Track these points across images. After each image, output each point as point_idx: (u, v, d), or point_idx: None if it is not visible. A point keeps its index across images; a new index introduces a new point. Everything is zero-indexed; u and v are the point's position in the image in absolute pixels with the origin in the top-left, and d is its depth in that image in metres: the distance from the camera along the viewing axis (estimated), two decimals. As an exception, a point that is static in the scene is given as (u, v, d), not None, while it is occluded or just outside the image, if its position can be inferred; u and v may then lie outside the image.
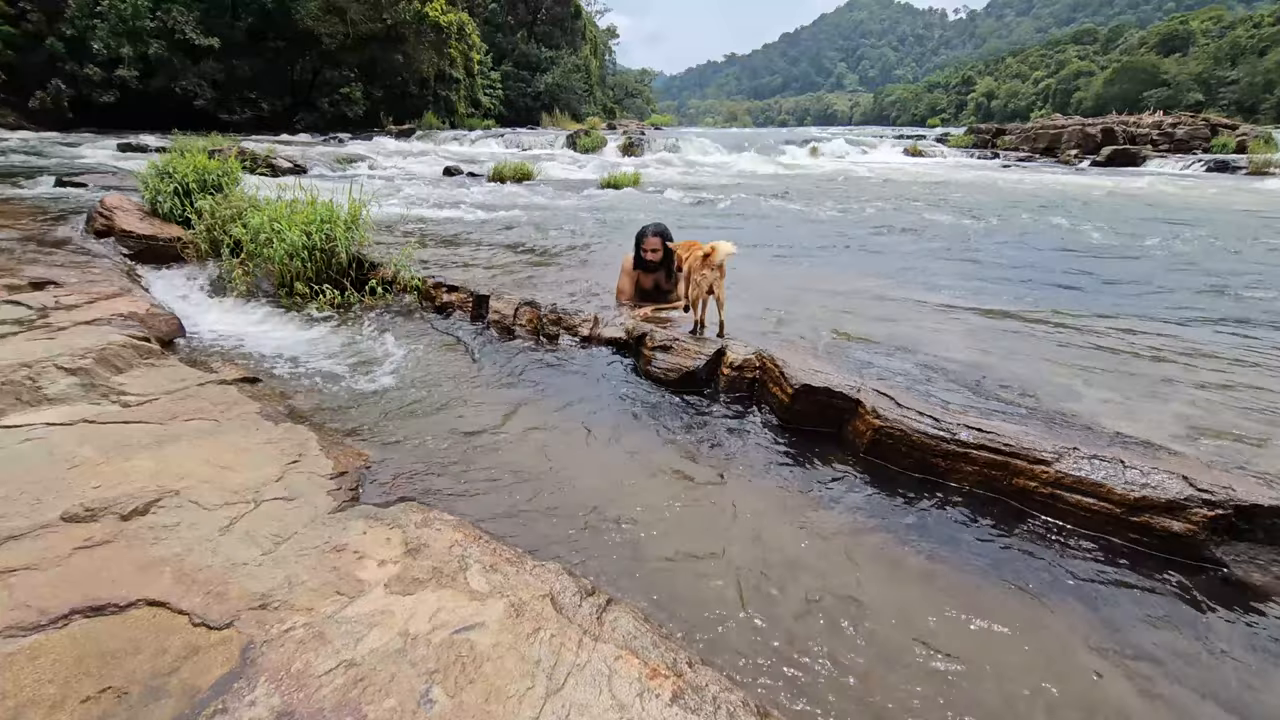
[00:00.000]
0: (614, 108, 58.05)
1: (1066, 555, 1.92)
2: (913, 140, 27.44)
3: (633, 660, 1.35)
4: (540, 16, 47.47)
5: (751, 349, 3.00)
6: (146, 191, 5.46)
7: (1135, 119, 25.59)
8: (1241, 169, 17.23)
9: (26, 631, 1.31)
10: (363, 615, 1.42)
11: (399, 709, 1.18)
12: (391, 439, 2.49)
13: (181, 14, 22.64)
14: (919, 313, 4.04)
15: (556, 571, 1.64)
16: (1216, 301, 4.58)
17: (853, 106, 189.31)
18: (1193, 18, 76.07)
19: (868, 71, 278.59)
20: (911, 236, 7.30)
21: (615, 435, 2.61)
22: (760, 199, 10.52)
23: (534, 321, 3.70)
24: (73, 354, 2.60)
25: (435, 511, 1.90)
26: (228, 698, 1.19)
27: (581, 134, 22.68)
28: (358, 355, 3.37)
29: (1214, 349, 3.47)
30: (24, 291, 3.39)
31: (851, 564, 1.87)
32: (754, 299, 4.14)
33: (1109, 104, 55.83)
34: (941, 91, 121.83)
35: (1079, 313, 4.19)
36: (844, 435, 2.55)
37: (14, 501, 1.72)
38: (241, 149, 10.18)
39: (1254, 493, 1.88)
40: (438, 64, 31.91)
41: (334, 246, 4.31)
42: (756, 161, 19.99)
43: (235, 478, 1.97)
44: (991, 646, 1.58)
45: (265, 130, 24.65)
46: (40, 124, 20.63)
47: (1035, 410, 2.53)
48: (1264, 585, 1.78)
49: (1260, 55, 56.28)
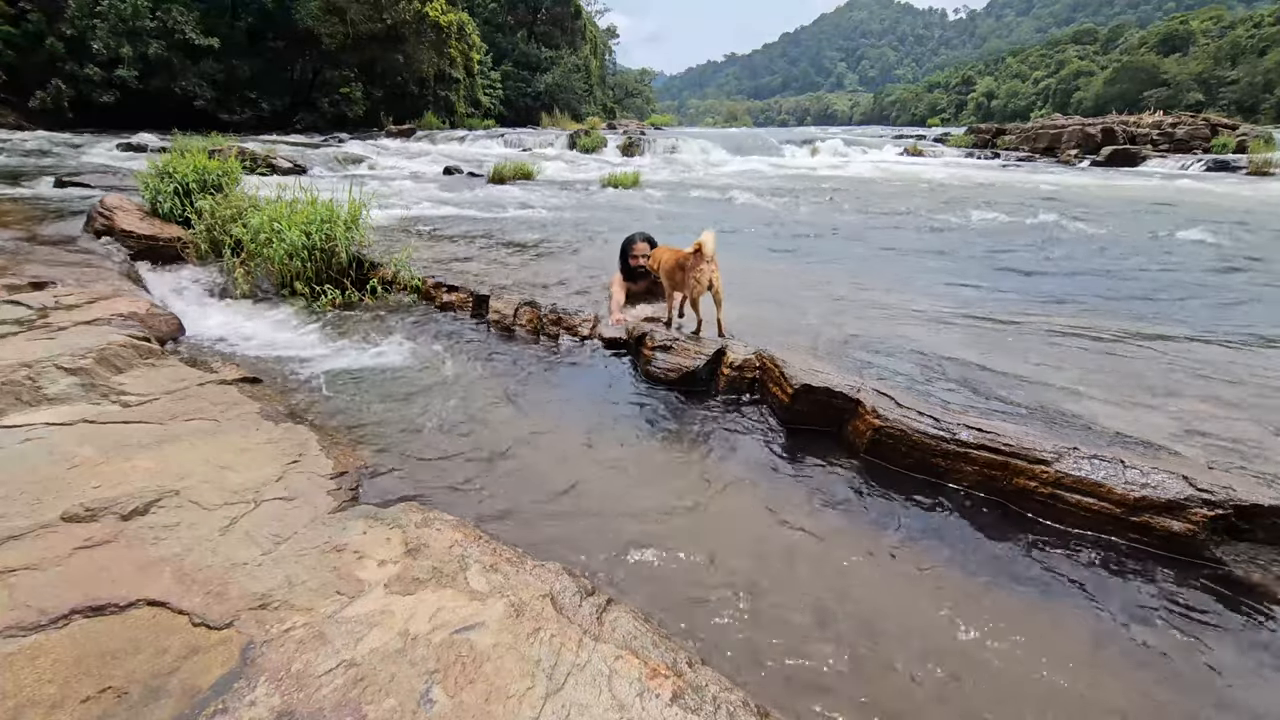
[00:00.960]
0: (614, 108, 58.06)
1: (1066, 555, 1.92)
2: (912, 140, 27.43)
3: (633, 660, 1.35)
4: (540, 16, 47.48)
5: (751, 349, 3.00)
6: (146, 191, 5.46)
7: (1135, 119, 25.57)
8: (1241, 169, 17.22)
9: (26, 631, 1.31)
10: (363, 615, 1.42)
11: (399, 709, 1.18)
12: (391, 439, 2.48)
13: (181, 14, 22.64)
14: (919, 313, 4.04)
15: (556, 571, 1.64)
16: (1217, 301, 4.58)
17: (853, 106, 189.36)
18: (1193, 18, 76.08)
19: (868, 71, 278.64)
20: (911, 236, 7.30)
21: (615, 435, 2.61)
22: (760, 199, 10.52)
23: (534, 321, 3.70)
24: (73, 354, 2.60)
25: (435, 511, 1.90)
26: (228, 698, 1.19)
27: (582, 134, 22.68)
28: (358, 355, 3.37)
29: (1214, 349, 3.47)
30: (24, 291, 3.39)
31: (851, 564, 1.87)
32: (754, 299, 4.14)
33: (1109, 104, 55.83)
34: (941, 91, 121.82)
35: (1079, 313, 4.19)
36: (844, 435, 2.55)
37: (14, 501, 1.72)
38: (241, 149, 10.19)
39: (1254, 493, 1.88)
40: (438, 64, 31.90)
41: (334, 246, 4.31)
42: (756, 162, 19.99)
43: (235, 477, 1.97)
44: (991, 646, 1.58)
45: (265, 130, 24.66)
46: (40, 124, 20.62)
47: (1035, 410, 2.53)
48: (1264, 585, 1.78)
49: (1260, 55, 56.28)
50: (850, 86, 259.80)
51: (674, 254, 3.18)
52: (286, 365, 3.23)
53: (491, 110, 40.18)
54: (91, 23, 21.06)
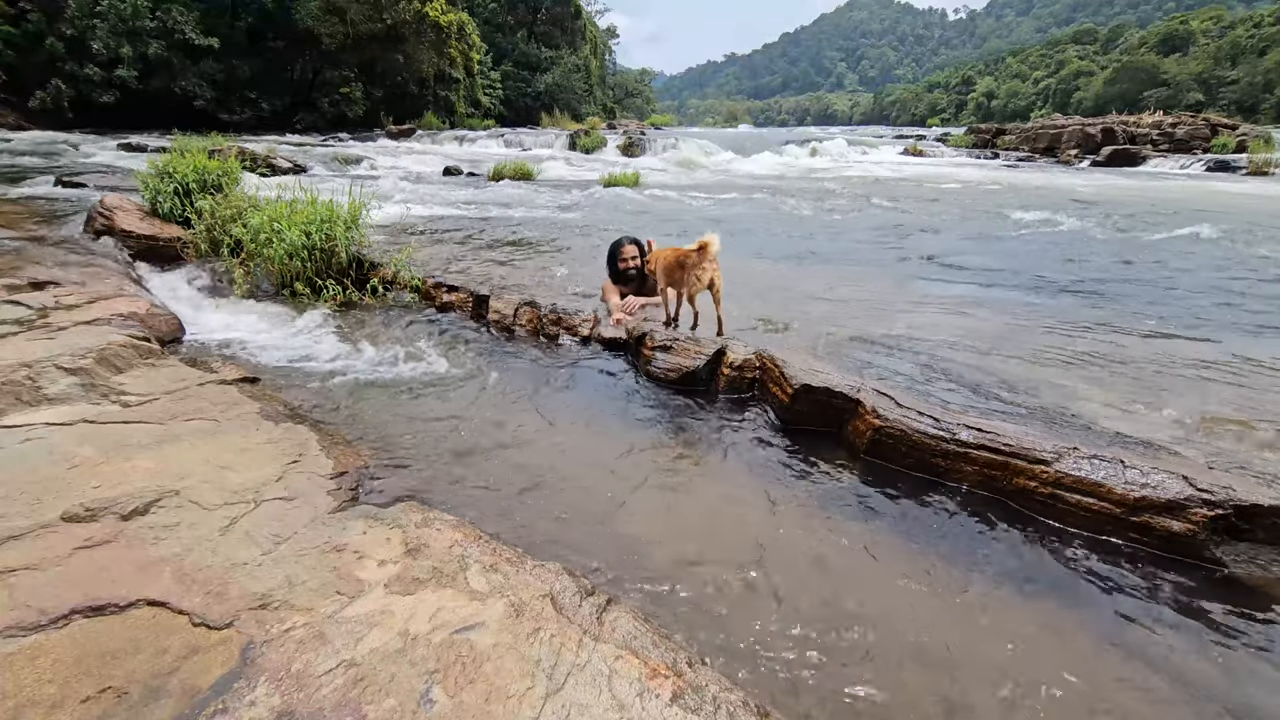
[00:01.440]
0: (614, 107, 58.06)
1: (1066, 555, 1.92)
2: (913, 140, 27.44)
3: (633, 660, 1.35)
4: (540, 16, 47.47)
5: (751, 349, 3.00)
6: (146, 191, 5.46)
7: (1135, 119, 25.57)
8: (1241, 169, 17.23)
9: (26, 631, 1.31)
10: (363, 615, 1.42)
11: (399, 709, 1.18)
12: (391, 438, 2.48)
13: (181, 14, 22.62)
14: (919, 313, 4.04)
15: (556, 571, 1.64)
16: (1217, 301, 4.58)
17: (853, 106, 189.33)
18: (1193, 18, 76.05)
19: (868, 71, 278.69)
20: (911, 236, 7.30)
21: (615, 435, 2.61)
22: (760, 199, 10.52)
23: (534, 321, 3.70)
24: (73, 354, 2.60)
25: (435, 511, 1.90)
26: (228, 698, 1.19)
27: (582, 134, 22.69)
28: (358, 355, 3.37)
29: (1214, 349, 3.47)
30: (24, 291, 3.39)
31: (850, 564, 1.87)
32: (754, 299, 4.14)
33: (1109, 104, 55.82)
34: (941, 91, 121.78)
35: (1079, 313, 4.19)
36: (844, 435, 2.55)
37: (14, 501, 1.72)
38: (241, 149, 10.20)
39: (1254, 493, 1.88)
40: (438, 64, 31.89)
41: (334, 246, 4.31)
42: (756, 162, 20.00)
43: (235, 477, 1.97)
44: (991, 646, 1.58)
45: (265, 130, 24.65)
46: (40, 124, 20.61)
47: (1035, 410, 2.53)
48: (1264, 585, 1.78)
49: (1260, 55, 56.26)
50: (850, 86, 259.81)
51: (674, 252, 3.19)
52: (286, 365, 3.23)
53: (491, 110, 40.17)
54: (91, 23, 21.05)
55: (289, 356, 3.35)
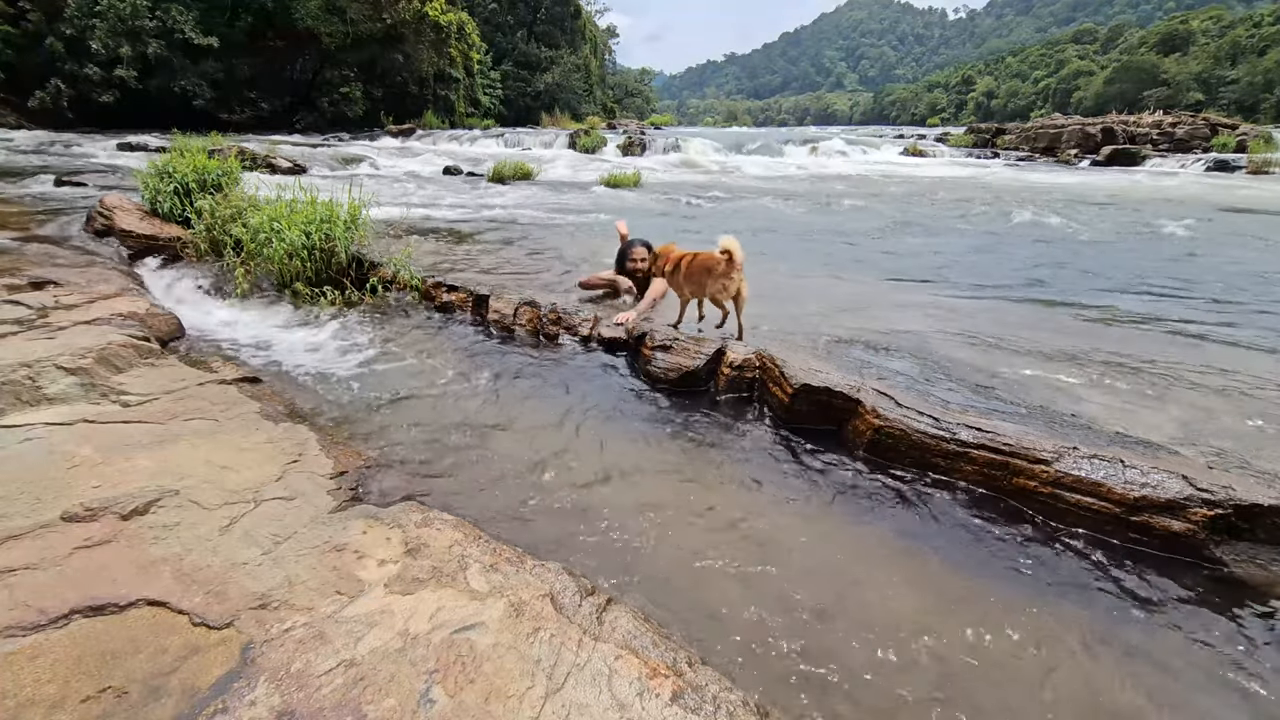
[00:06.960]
0: (614, 107, 58.01)
1: (1066, 554, 1.92)
2: (912, 140, 27.42)
3: (633, 660, 1.35)
4: (540, 16, 47.44)
5: (751, 348, 3.00)
6: (146, 191, 5.46)
7: (1135, 118, 25.59)
8: (1241, 168, 17.24)
9: (26, 631, 1.31)
10: (363, 615, 1.42)
11: (399, 708, 1.18)
12: (391, 438, 2.48)
13: (180, 13, 22.59)
14: (919, 312, 4.04)
15: (556, 571, 1.64)
16: (1217, 301, 4.58)
17: (853, 106, 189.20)
18: (1193, 17, 75.99)
19: (868, 71, 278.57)
20: (911, 236, 7.29)
21: (615, 435, 2.61)
22: (760, 199, 10.52)
23: (534, 321, 3.70)
24: (73, 354, 2.60)
25: (435, 511, 1.90)
26: (228, 697, 1.19)
27: (582, 134, 22.67)
28: (357, 355, 3.37)
29: (1215, 349, 3.47)
30: (24, 291, 3.39)
31: (850, 563, 1.87)
32: (753, 299, 4.12)
33: (1109, 103, 55.83)
34: (941, 91, 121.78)
35: (1080, 313, 4.19)
36: (844, 435, 2.55)
37: (14, 501, 1.72)
38: (241, 149, 10.19)
39: (1254, 492, 1.88)
40: (437, 64, 31.87)
41: (334, 246, 4.30)
42: (756, 161, 19.98)
43: (235, 477, 1.97)
44: (990, 645, 1.58)
45: (265, 130, 24.62)
46: (40, 124, 20.58)
47: (1035, 410, 2.53)
48: (1264, 585, 1.78)
49: (1260, 55, 56.26)
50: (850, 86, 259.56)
51: (698, 257, 3.16)
52: (286, 365, 3.23)
53: (491, 110, 40.14)
54: (91, 22, 21.02)
55: (289, 356, 3.35)
